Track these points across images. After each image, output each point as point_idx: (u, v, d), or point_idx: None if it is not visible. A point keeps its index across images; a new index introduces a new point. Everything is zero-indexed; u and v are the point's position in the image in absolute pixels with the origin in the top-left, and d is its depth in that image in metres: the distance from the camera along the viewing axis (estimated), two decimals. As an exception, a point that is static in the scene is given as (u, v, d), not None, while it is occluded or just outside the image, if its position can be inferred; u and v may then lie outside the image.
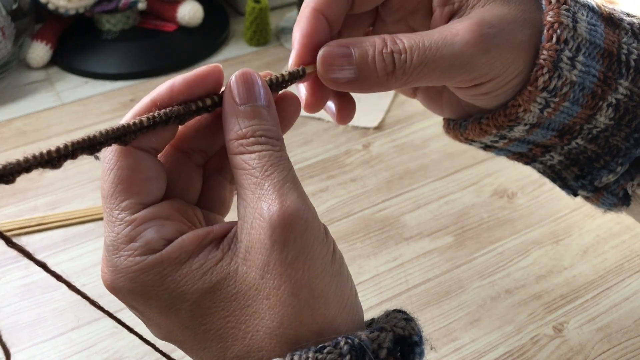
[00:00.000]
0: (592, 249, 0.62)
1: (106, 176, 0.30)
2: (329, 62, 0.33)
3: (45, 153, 0.26)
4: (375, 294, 0.57)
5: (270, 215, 0.28)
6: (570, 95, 0.34)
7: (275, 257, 0.28)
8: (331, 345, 0.27)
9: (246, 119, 0.30)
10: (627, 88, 0.34)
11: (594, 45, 0.33)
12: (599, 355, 0.52)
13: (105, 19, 0.90)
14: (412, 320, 0.31)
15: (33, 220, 0.64)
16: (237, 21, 0.99)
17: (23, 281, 0.58)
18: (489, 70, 0.33)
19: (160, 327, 0.31)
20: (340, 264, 0.30)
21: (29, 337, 0.53)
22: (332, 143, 0.75)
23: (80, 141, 0.27)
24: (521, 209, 0.66)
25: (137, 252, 0.29)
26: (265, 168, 0.29)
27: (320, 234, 0.29)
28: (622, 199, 0.38)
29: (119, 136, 0.28)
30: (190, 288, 0.28)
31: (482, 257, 0.61)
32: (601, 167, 0.37)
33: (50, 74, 0.87)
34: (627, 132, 0.35)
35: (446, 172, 0.71)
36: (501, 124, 0.36)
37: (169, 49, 0.91)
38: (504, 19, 0.33)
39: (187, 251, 0.29)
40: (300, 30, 0.33)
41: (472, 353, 0.52)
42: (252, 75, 0.31)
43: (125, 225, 0.29)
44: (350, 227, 0.64)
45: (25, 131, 0.76)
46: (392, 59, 0.32)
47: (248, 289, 0.28)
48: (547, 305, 0.56)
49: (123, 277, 0.29)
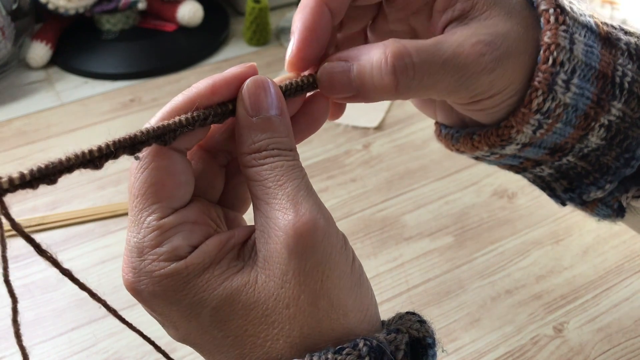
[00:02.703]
0: (592, 249, 0.62)
1: (138, 174, 0.29)
2: (329, 81, 0.32)
3: (88, 152, 0.26)
4: (376, 294, 0.57)
5: (285, 225, 0.28)
6: (563, 116, 0.33)
7: (294, 267, 0.28)
8: (350, 347, 0.27)
9: (258, 132, 0.30)
10: (620, 110, 0.34)
11: (590, 67, 0.33)
12: (599, 356, 0.52)
13: (105, 19, 0.90)
14: (425, 323, 0.31)
15: (33, 220, 0.64)
16: (237, 21, 0.99)
17: (23, 281, 0.58)
18: (489, 88, 0.33)
19: (178, 330, 0.30)
20: (359, 273, 0.30)
21: (29, 337, 0.53)
22: (332, 143, 0.75)
23: (122, 140, 0.27)
24: (521, 209, 0.66)
25: (162, 257, 0.29)
26: (277, 178, 0.29)
27: (339, 242, 0.29)
28: (617, 210, 0.38)
29: (160, 135, 0.28)
30: (210, 294, 0.28)
31: (482, 257, 0.61)
32: (590, 183, 0.37)
33: (50, 74, 0.87)
34: (618, 152, 0.35)
35: (446, 172, 0.71)
36: (493, 142, 0.36)
37: (169, 49, 0.91)
38: (509, 37, 0.32)
39: (210, 257, 0.29)
40: (302, 22, 0.33)
41: (472, 353, 0.52)
42: (264, 83, 0.30)
43: (152, 230, 0.29)
44: (350, 227, 0.64)
45: (25, 131, 0.76)
46: (393, 75, 0.31)
47: (267, 298, 0.28)
48: (547, 306, 0.56)
49: (145, 280, 0.29)
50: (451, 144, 0.39)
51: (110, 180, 0.69)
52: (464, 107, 0.36)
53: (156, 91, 0.84)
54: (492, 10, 0.32)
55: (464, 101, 0.34)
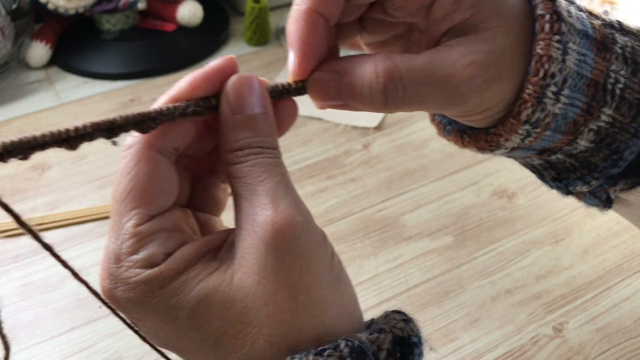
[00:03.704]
0: (592, 249, 0.62)
1: (123, 178, 0.29)
2: (318, 90, 0.32)
3: (64, 131, 0.26)
4: (375, 294, 0.57)
5: (264, 220, 0.28)
6: (552, 125, 0.33)
7: (271, 263, 0.27)
8: (331, 348, 0.27)
9: (242, 130, 0.30)
10: (610, 115, 0.34)
11: (581, 76, 0.32)
12: (598, 356, 0.52)
13: (105, 18, 0.90)
14: (411, 321, 0.30)
15: (33, 220, 0.64)
16: (237, 21, 0.99)
17: (23, 281, 0.58)
18: (479, 107, 0.32)
19: (158, 335, 0.30)
20: (339, 269, 0.30)
21: (28, 337, 0.53)
22: (332, 143, 0.75)
23: (100, 122, 0.27)
24: (521, 209, 0.66)
25: (137, 264, 0.28)
26: (258, 175, 0.29)
27: (317, 238, 0.29)
28: (605, 201, 0.38)
29: (139, 122, 0.28)
30: (186, 296, 0.28)
31: (482, 257, 0.61)
32: (577, 178, 0.37)
33: (49, 74, 0.87)
34: (606, 153, 0.35)
35: (446, 172, 0.71)
36: (482, 147, 0.36)
37: (168, 48, 0.91)
38: (505, 55, 0.31)
39: (185, 262, 0.29)
40: (298, 35, 0.32)
41: (472, 353, 0.52)
42: (249, 80, 0.30)
43: (130, 237, 0.29)
44: (350, 227, 0.64)
45: (25, 131, 0.76)
46: (384, 94, 0.31)
47: (245, 297, 0.28)
48: (547, 305, 0.56)
49: (122, 287, 0.29)
50: (443, 133, 0.39)
51: (110, 180, 0.69)
52: (455, 117, 0.36)
53: (156, 91, 0.84)
54: (493, 21, 0.31)
55: (453, 115, 0.35)
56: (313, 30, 0.32)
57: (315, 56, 0.33)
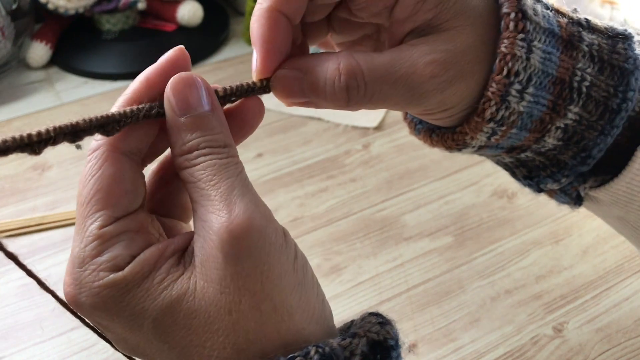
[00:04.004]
0: (592, 249, 0.62)
1: (87, 181, 0.29)
2: (282, 87, 0.32)
3: (26, 136, 0.25)
4: (375, 294, 0.57)
5: (219, 228, 0.27)
6: (518, 123, 0.33)
7: (231, 271, 0.27)
8: (301, 355, 0.26)
9: (188, 131, 0.28)
10: (577, 113, 0.34)
11: (546, 74, 0.32)
12: (599, 356, 0.52)
13: (105, 18, 0.90)
14: (387, 324, 0.30)
15: (33, 220, 0.64)
16: (237, 21, 0.99)
17: (22, 281, 0.58)
18: (440, 106, 0.33)
19: (127, 342, 0.30)
20: (303, 271, 0.29)
21: (28, 337, 0.53)
22: (332, 143, 0.75)
23: (62, 127, 0.27)
24: (521, 209, 0.66)
25: (101, 267, 0.28)
26: (210, 178, 0.28)
27: (278, 239, 0.28)
28: (575, 199, 0.39)
29: (103, 125, 0.28)
30: (150, 304, 0.27)
31: (482, 257, 0.61)
32: (547, 175, 0.37)
33: (50, 74, 0.87)
34: (575, 151, 0.35)
35: (446, 172, 0.71)
36: (450, 145, 0.36)
37: (168, 48, 0.89)
38: (467, 53, 0.31)
39: (149, 265, 0.28)
40: (260, 35, 0.32)
41: (472, 353, 0.52)
42: (190, 79, 0.29)
43: (94, 239, 0.28)
44: (350, 227, 0.64)
45: (25, 131, 0.76)
46: (346, 92, 0.31)
47: (208, 305, 0.27)
48: (547, 306, 0.56)
49: (85, 292, 0.28)
50: (414, 132, 0.40)
51: (110, 180, 0.69)
52: (418, 115, 0.36)
53: (156, 91, 0.84)
54: (456, 20, 0.31)
55: (415, 114, 0.35)
56: (275, 29, 0.32)
57: (278, 54, 0.32)
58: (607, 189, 0.37)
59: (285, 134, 0.76)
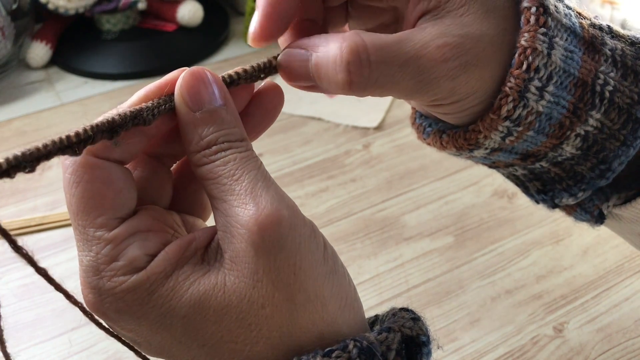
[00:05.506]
0: (592, 249, 0.62)
1: (72, 190, 0.27)
2: (288, 68, 0.31)
3: (65, 138, 0.25)
4: (375, 294, 0.57)
5: (247, 221, 0.26)
6: (536, 124, 0.31)
7: (263, 265, 0.26)
8: (339, 349, 0.26)
9: (204, 126, 0.28)
10: (598, 120, 0.32)
11: (568, 74, 0.31)
12: (599, 356, 0.52)
13: (105, 19, 0.90)
14: (419, 320, 0.30)
15: (33, 220, 0.64)
16: (237, 21, 0.99)
17: (22, 281, 0.58)
18: (450, 95, 0.31)
19: (151, 344, 0.29)
20: (334, 260, 0.29)
21: (28, 337, 0.53)
22: (332, 143, 0.75)
23: (99, 124, 0.26)
24: (521, 209, 0.66)
25: (120, 271, 0.27)
26: (232, 172, 0.27)
27: (307, 230, 0.28)
28: (597, 217, 0.37)
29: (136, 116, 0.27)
30: (178, 302, 0.27)
31: (482, 257, 0.61)
32: (562, 189, 0.36)
33: (50, 74, 0.87)
34: (594, 162, 0.33)
35: (446, 172, 0.71)
36: (461, 145, 0.34)
37: (168, 49, 0.91)
38: (481, 40, 0.30)
39: (171, 263, 0.27)
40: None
41: (472, 353, 0.52)
42: (200, 74, 0.29)
43: (105, 244, 0.27)
44: (350, 227, 0.64)
45: (25, 131, 0.76)
46: (347, 72, 0.29)
47: (240, 301, 0.27)
48: (547, 306, 0.56)
49: (109, 299, 0.27)
50: (422, 136, 0.37)
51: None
52: (428, 108, 0.34)
53: (156, 91, 0.84)
54: (470, 6, 0.30)
55: (424, 104, 0.33)
56: None
57: (278, 21, 0.31)
58: (635, 206, 0.35)
59: (285, 134, 0.76)
